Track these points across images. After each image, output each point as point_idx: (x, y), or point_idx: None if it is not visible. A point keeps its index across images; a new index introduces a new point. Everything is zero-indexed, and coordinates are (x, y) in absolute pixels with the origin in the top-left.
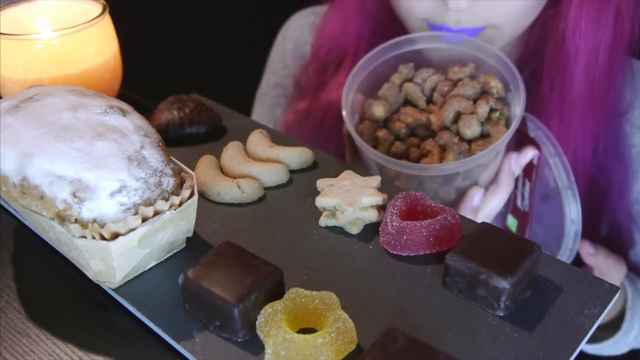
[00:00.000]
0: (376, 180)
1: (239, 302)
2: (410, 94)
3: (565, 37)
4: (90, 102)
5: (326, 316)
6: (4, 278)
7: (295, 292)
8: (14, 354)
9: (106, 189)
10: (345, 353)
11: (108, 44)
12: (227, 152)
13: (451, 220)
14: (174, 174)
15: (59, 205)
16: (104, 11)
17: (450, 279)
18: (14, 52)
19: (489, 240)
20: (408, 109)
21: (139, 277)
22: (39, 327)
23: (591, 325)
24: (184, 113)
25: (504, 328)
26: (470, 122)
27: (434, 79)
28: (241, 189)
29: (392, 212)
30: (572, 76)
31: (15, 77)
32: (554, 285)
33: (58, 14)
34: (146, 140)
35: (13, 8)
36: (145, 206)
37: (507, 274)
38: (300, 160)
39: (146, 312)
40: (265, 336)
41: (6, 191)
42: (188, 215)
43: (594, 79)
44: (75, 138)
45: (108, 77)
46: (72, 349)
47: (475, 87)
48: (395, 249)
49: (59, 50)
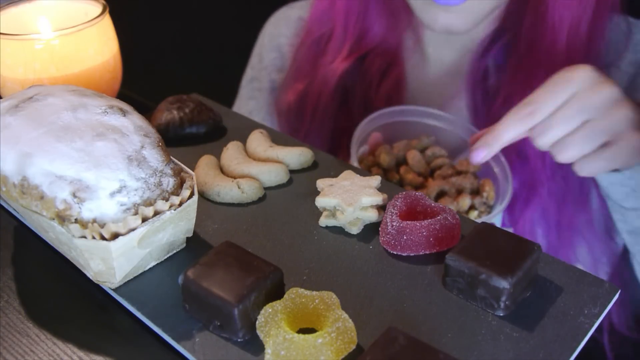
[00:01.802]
0: (376, 180)
1: (239, 302)
2: (415, 164)
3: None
4: (90, 102)
5: (326, 316)
6: (4, 278)
7: (295, 292)
8: (14, 354)
9: (106, 189)
10: (345, 353)
11: (108, 44)
12: (227, 152)
13: (451, 220)
14: (174, 174)
15: (59, 205)
16: (104, 11)
17: (450, 279)
18: (14, 52)
19: (489, 240)
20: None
21: (139, 277)
22: (39, 327)
23: (591, 325)
24: (184, 113)
25: (504, 328)
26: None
27: (440, 161)
28: (241, 189)
29: (392, 212)
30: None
31: (15, 77)
32: (554, 285)
33: (58, 14)
34: (146, 140)
35: (13, 8)
36: (145, 206)
37: (507, 274)
38: (300, 160)
39: (146, 312)
40: (265, 336)
41: (6, 191)
42: (188, 215)
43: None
44: (75, 138)
45: (108, 77)
46: (72, 349)
47: (472, 185)
48: (395, 249)
49: (59, 50)
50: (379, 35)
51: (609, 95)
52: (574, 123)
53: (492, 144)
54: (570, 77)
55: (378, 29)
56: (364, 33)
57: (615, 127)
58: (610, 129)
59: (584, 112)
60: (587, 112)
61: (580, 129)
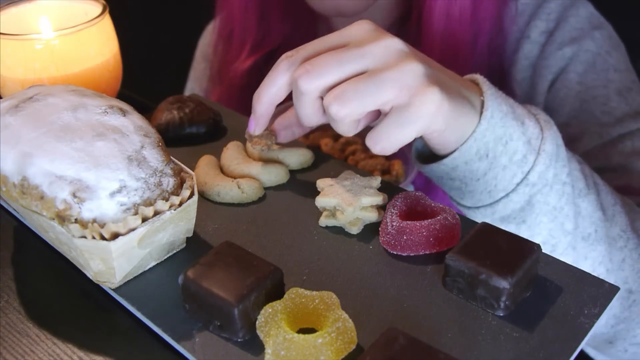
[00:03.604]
0: (376, 180)
1: (239, 302)
2: (328, 151)
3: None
4: (90, 102)
5: (326, 316)
6: (4, 278)
7: (295, 292)
8: (14, 354)
9: (106, 189)
10: (345, 353)
11: (108, 44)
12: (227, 152)
13: (451, 220)
14: (174, 174)
15: (59, 205)
16: (104, 11)
17: (450, 279)
18: (14, 52)
19: (489, 240)
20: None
21: (139, 277)
22: (39, 327)
23: (591, 325)
24: (184, 113)
25: (504, 328)
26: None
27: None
28: (241, 189)
29: (392, 212)
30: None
31: (15, 77)
32: (554, 285)
33: (58, 14)
34: (146, 140)
35: (13, 8)
36: (145, 206)
37: (507, 274)
38: (300, 160)
39: (146, 312)
40: (265, 336)
41: (6, 191)
42: (188, 215)
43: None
44: (75, 138)
45: (108, 77)
46: (72, 349)
47: (383, 165)
48: (395, 249)
49: (59, 50)
50: (282, 35)
51: (392, 45)
52: (347, 69)
53: (255, 108)
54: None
55: (281, 29)
56: (266, 33)
57: (402, 79)
58: (397, 78)
59: (362, 58)
60: (365, 59)
61: (360, 76)
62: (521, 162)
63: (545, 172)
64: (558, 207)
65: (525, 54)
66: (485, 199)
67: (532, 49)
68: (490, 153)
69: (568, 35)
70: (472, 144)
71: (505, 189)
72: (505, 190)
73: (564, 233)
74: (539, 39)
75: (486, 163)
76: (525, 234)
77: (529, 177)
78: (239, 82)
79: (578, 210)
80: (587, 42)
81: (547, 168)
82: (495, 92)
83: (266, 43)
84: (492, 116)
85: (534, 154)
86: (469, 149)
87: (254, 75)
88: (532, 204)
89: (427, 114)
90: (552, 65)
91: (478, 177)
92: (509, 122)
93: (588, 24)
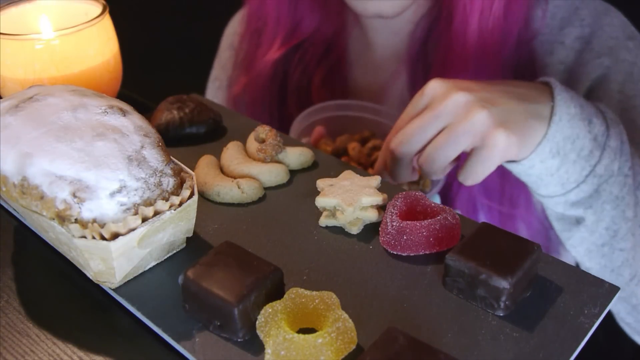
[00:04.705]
0: (376, 180)
1: (239, 302)
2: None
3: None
4: (90, 102)
5: (326, 316)
6: (4, 278)
7: (295, 292)
8: (14, 354)
9: (106, 189)
10: (345, 353)
11: (108, 44)
12: (227, 152)
13: (451, 220)
14: (174, 174)
15: (59, 205)
16: (104, 11)
17: (450, 279)
18: (14, 52)
19: (489, 240)
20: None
21: (139, 277)
22: (39, 327)
23: (591, 325)
24: (184, 113)
25: (504, 328)
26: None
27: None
28: (241, 189)
29: (392, 212)
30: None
31: (15, 77)
32: (554, 285)
33: (58, 14)
34: (146, 140)
35: (13, 8)
36: (145, 206)
37: (507, 274)
38: (300, 160)
39: (146, 312)
40: (265, 336)
41: (6, 191)
42: (188, 215)
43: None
44: (75, 138)
45: (108, 77)
46: (72, 349)
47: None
48: (395, 249)
49: (59, 50)
50: (312, 26)
51: (458, 99)
52: (429, 133)
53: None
54: (419, 95)
55: (310, 20)
56: (297, 24)
57: (474, 126)
58: (469, 129)
59: (438, 119)
60: (441, 119)
61: (439, 135)
62: (588, 157)
63: (610, 165)
64: (620, 196)
65: (560, 59)
66: (559, 190)
67: (568, 54)
68: (561, 150)
69: (605, 44)
70: (545, 145)
71: (577, 180)
72: (576, 182)
73: (624, 220)
74: (573, 45)
75: (558, 160)
76: (591, 219)
77: (597, 169)
78: (266, 72)
79: (637, 201)
80: (623, 52)
81: (612, 161)
82: (566, 96)
83: (296, 34)
84: (561, 119)
85: (599, 149)
86: (543, 149)
87: (280, 65)
88: (599, 192)
89: (499, 151)
90: (591, 72)
91: (552, 172)
92: (576, 123)
93: (622, 33)
